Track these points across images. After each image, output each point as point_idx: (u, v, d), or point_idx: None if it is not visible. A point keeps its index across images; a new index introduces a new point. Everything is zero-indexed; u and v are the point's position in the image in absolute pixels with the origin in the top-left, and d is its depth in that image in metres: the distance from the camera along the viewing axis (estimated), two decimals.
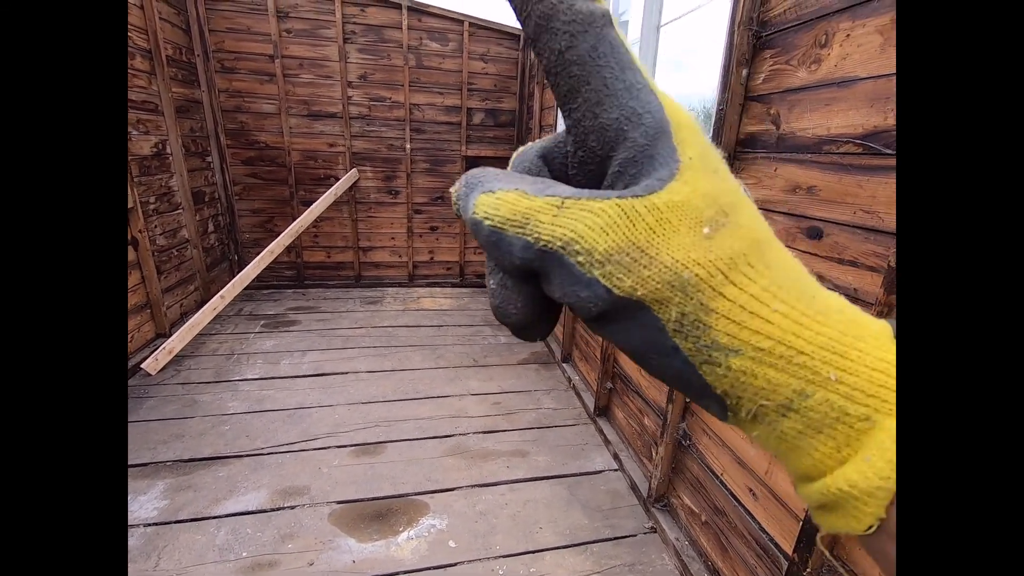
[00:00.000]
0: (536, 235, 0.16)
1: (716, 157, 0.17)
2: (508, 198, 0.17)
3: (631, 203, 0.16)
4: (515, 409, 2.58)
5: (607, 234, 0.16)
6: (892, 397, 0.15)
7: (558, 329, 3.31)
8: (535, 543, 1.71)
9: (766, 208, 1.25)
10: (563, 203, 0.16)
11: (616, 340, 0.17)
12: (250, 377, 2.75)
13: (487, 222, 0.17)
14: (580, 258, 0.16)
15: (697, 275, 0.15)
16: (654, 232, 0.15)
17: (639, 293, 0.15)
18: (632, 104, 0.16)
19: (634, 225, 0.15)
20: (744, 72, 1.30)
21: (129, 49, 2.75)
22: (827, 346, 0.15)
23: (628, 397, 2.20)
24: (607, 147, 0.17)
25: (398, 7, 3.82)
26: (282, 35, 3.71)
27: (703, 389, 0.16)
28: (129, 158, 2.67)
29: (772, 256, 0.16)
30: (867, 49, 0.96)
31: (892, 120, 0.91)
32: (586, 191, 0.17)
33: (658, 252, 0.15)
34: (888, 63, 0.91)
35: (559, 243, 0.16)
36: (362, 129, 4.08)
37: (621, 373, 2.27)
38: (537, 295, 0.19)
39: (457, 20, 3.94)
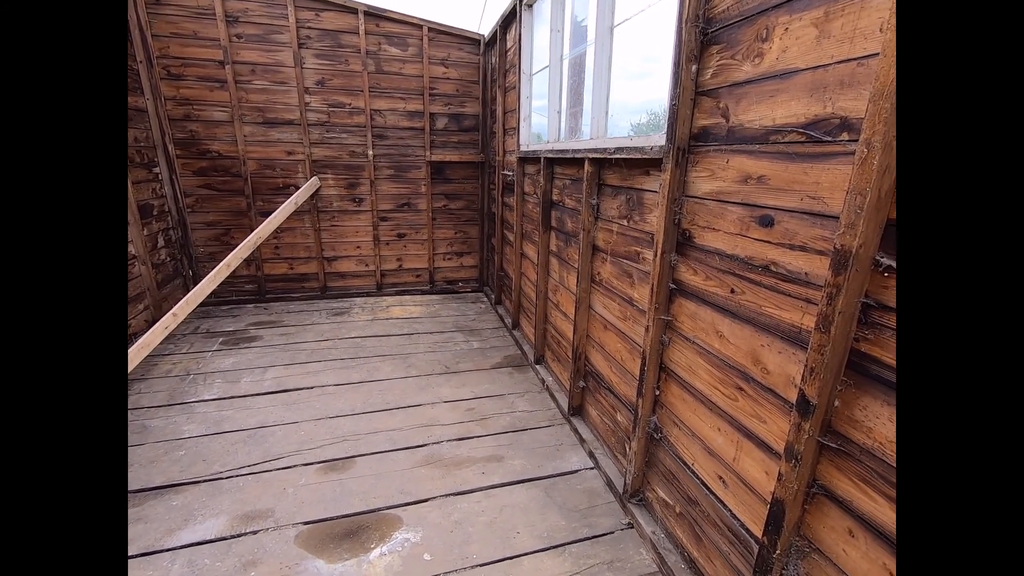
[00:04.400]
0: None
1: None
2: None
3: None
4: (489, 414, 2.54)
5: None
6: None
7: (529, 330, 3.30)
8: (512, 549, 1.68)
9: (721, 199, 1.28)
10: None
11: None
12: (207, 398, 2.60)
13: None
14: None
15: None
16: None
17: None
18: None
19: None
20: (693, 68, 1.33)
21: None
22: None
23: (600, 395, 2.20)
24: None
25: (354, 12, 3.76)
26: (232, 40, 3.58)
27: None
28: None
29: None
30: (804, 42, 0.99)
31: (831, 108, 0.94)
32: None
33: None
34: (823, 54, 0.95)
35: None
36: (322, 136, 3.97)
37: (593, 371, 2.28)
38: None
39: (416, 25, 3.91)
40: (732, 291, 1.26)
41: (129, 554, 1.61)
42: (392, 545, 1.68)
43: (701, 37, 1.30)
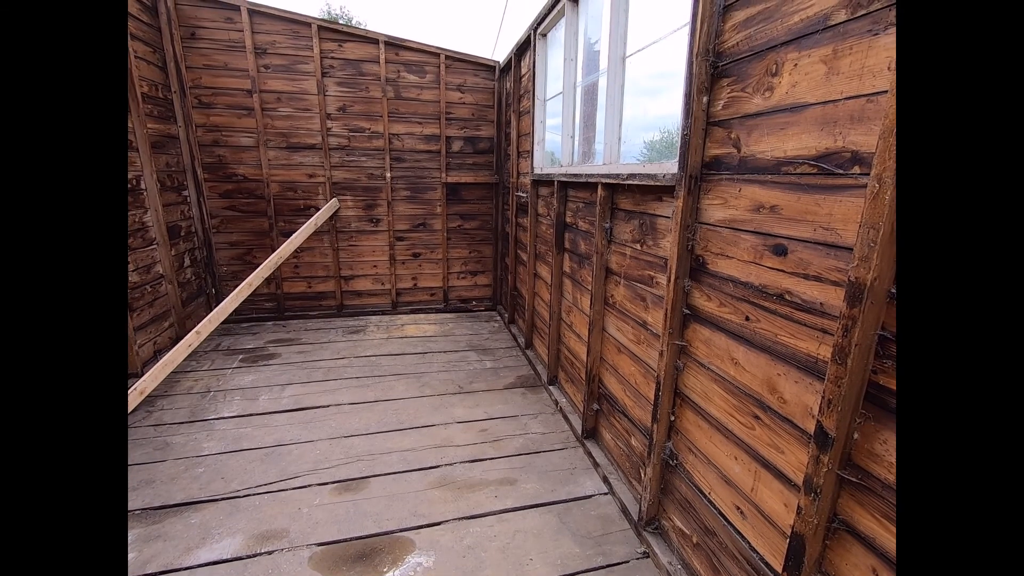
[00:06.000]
0: None
1: None
2: None
3: None
4: (502, 436, 2.54)
5: None
6: None
7: (543, 350, 3.30)
8: None
9: (734, 227, 1.29)
10: None
11: None
12: (227, 415, 2.65)
13: None
14: None
15: None
16: None
17: None
18: None
19: None
20: (705, 99, 1.36)
21: None
22: None
23: (615, 418, 2.18)
24: None
25: (375, 42, 3.92)
26: (260, 70, 3.76)
27: None
28: None
29: None
30: (813, 77, 1.02)
31: (842, 142, 0.96)
32: None
33: None
34: (833, 90, 0.97)
35: None
36: (342, 159, 4.11)
37: (607, 394, 2.27)
38: None
39: (433, 53, 4.06)
40: (747, 318, 1.26)
41: (147, 572, 1.64)
42: (404, 569, 1.67)
43: (712, 70, 1.33)
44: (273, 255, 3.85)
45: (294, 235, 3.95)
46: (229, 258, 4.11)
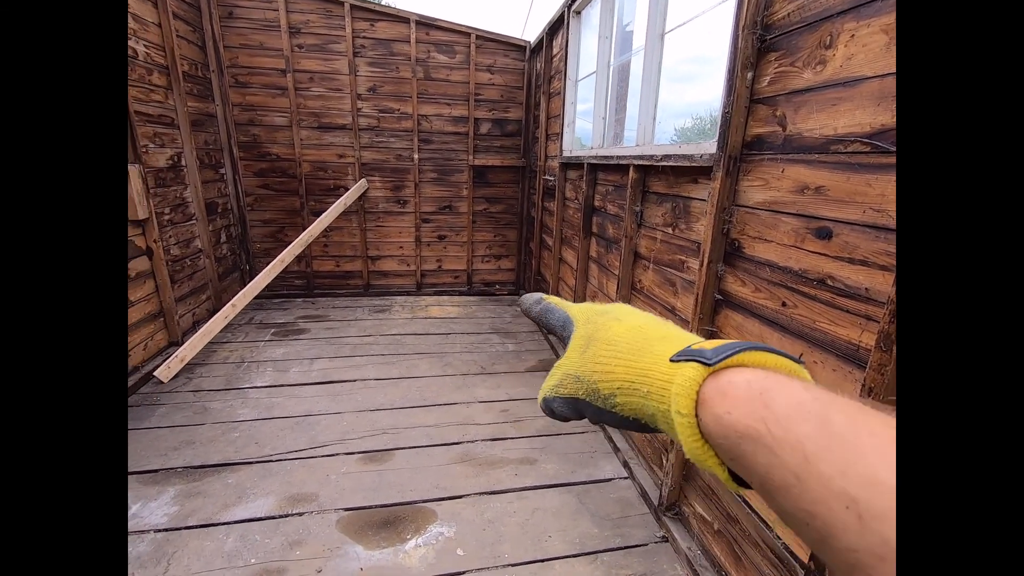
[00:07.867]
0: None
1: (593, 314, 0.38)
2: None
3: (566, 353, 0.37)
4: (523, 416, 2.56)
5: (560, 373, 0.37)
6: (667, 386, 0.28)
7: None
8: (544, 552, 1.69)
9: (774, 210, 1.25)
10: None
11: (587, 412, 0.35)
12: (259, 385, 2.77)
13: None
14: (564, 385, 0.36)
15: (580, 371, 0.34)
16: (568, 359, 0.36)
17: (576, 393, 0.35)
18: (555, 322, 0.40)
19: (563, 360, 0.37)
20: (749, 75, 1.30)
21: (147, 65, 2.84)
22: (640, 374, 0.30)
23: None
24: (558, 331, 0.40)
25: (406, 21, 3.91)
26: (294, 50, 3.81)
27: (623, 420, 0.32)
28: (145, 170, 2.74)
29: (615, 336, 0.34)
30: (872, 48, 0.96)
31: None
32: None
33: (569, 369, 0.35)
34: (894, 62, 0.91)
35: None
36: (371, 140, 4.15)
37: None
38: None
39: (464, 33, 4.01)
40: (783, 304, 1.22)
41: (189, 524, 1.75)
42: (427, 537, 1.73)
43: (758, 44, 1.27)
44: (304, 234, 3.95)
45: (324, 214, 4.03)
46: (262, 235, 4.24)
